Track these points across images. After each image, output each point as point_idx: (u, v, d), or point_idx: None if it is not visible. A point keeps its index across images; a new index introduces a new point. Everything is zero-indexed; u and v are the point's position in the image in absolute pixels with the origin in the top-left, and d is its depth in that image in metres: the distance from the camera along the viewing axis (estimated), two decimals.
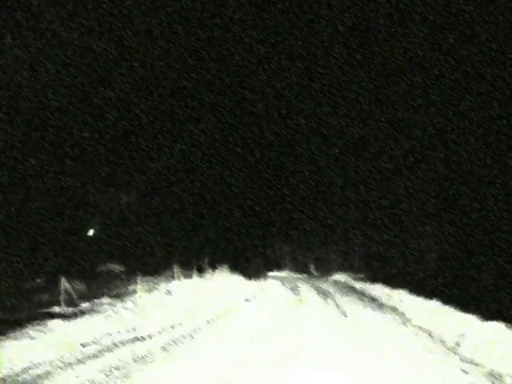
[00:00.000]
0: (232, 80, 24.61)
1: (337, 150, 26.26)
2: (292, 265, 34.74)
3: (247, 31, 23.66)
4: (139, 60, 18.03)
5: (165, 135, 20.56)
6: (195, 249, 24.74)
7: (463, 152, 14.32)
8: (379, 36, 18.62)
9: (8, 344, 5.11)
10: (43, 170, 14.03)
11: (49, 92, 13.96)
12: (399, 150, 18.51)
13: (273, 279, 22.09)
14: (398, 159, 18.74)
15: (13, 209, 12.97)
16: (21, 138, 13.11)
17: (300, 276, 28.12)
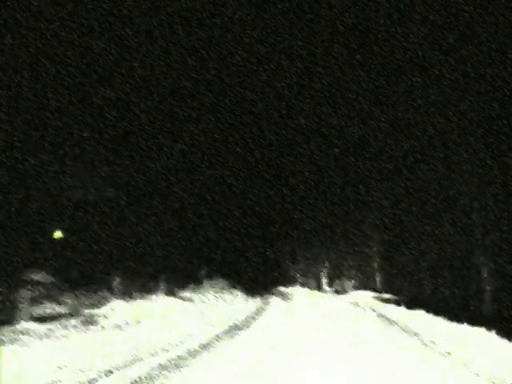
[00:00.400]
0: (232, 80, 24.62)
1: (337, 150, 26.26)
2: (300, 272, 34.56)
3: (247, 31, 23.66)
4: (139, 60, 18.03)
5: (165, 135, 20.56)
6: (195, 249, 24.75)
7: (463, 152, 14.31)
8: (379, 36, 18.61)
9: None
10: (43, 170, 14.02)
11: (49, 92, 13.96)
12: (399, 150, 18.51)
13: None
14: (398, 159, 18.74)
15: (13, 209, 12.97)
16: (21, 138, 13.10)
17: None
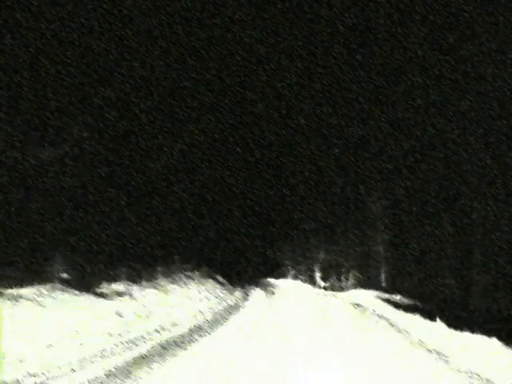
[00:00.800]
0: (232, 80, 24.63)
1: (337, 150, 26.26)
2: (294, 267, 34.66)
3: (247, 31, 23.67)
4: (139, 60, 18.02)
5: (165, 135, 20.55)
6: (195, 249, 24.77)
7: (463, 152, 14.32)
8: (379, 36, 18.62)
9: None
10: (43, 170, 14.02)
11: (49, 92, 13.95)
12: (399, 150, 18.52)
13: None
14: (398, 159, 18.74)
15: (13, 209, 12.96)
16: (21, 138, 13.10)
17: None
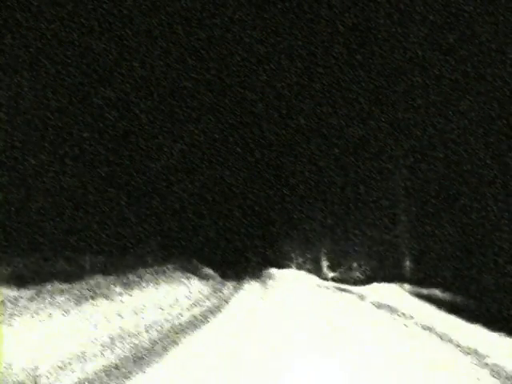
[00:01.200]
0: (232, 80, 24.64)
1: (337, 150, 26.25)
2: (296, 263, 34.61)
3: (247, 31, 23.67)
4: (139, 60, 18.03)
5: (165, 135, 20.57)
6: (195, 249, 24.78)
7: (463, 152, 14.32)
8: (379, 36, 18.61)
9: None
10: (43, 170, 14.02)
11: (49, 92, 13.95)
12: (399, 150, 18.51)
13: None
14: (398, 159, 18.74)
15: (13, 209, 12.96)
16: (21, 138, 13.10)
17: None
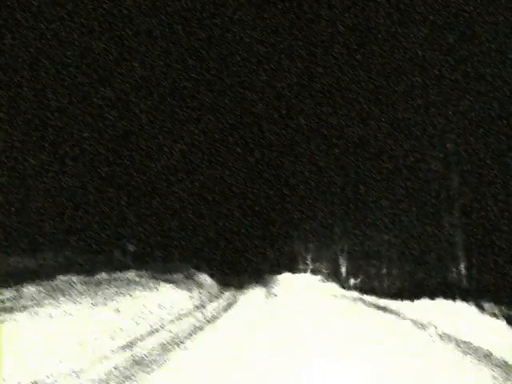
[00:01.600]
0: (232, 80, 24.64)
1: (337, 150, 26.23)
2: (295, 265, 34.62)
3: (247, 31, 23.66)
4: (139, 60, 18.03)
5: (165, 135, 20.57)
6: (195, 249, 24.77)
7: (463, 152, 14.32)
8: (379, 36, 18.61)
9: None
10: (43, 170, 14.02)
11: (49, 92, 13.96)
12: (399, 150, 18.50)
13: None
14: (398, 159, 18.73)
15: (13, 209, 12.96)
16: (21, 138, 13.10)
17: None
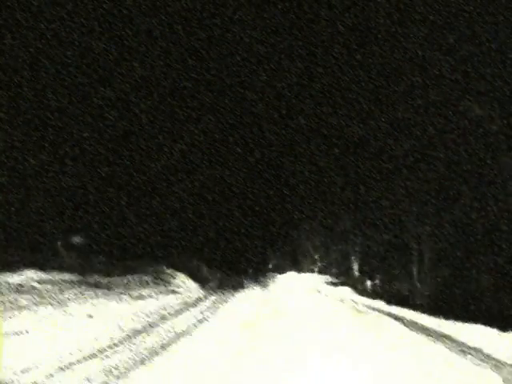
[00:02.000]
0: (232, 80, 24.63)
1: (337, 150, 26.22)
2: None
3: (247, 31, 23.65)
4: (139, 60, 18.04)
5: (165, 135, 20.58)
6: (195, 249, 24.78)
7: (463, 152, 14.32)
8: (379, 36, 18.61)
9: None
10: (43, 170, 14.02)
11: (49, 92, 13.96)
12: (399, 150, 18.48)
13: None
14: (398, 159, 18.72)
15: (13, 209, 12.96)
16: (21, 138, 13.10)
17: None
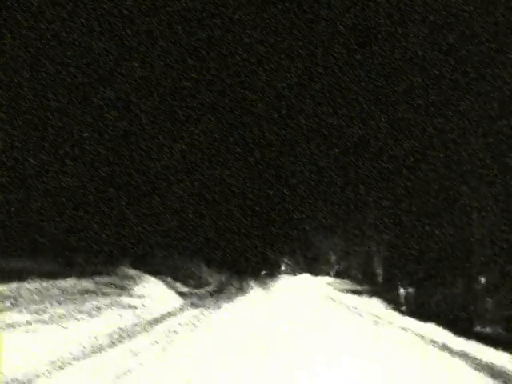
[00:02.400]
0: (232, 80, 24.62)
1: (337, 150, 26.21)
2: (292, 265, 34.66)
3: (247, 31, 23.64)
4: (139, 60, 18.03)
5: (165, 135, 20.58)
6: (195, 249, 24.78)
7: (463, 152, 14.32)
8: (379, 36, 18.60)
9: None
10: (43, 170, 14.02)
11: (49, 92, 13.96)
12: (399, 150, 18.49)
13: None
14: (398, 159, 18.72)
15: (13, 209, 12.96)
16: (21, 138, 13.10)
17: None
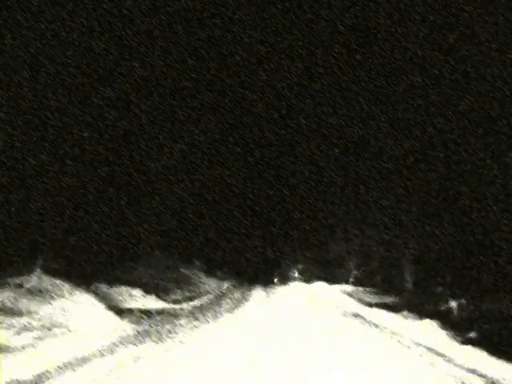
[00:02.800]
0: (232, 80, 24.61)
1: (337, 150, 26.19)
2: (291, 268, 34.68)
3: (247, 31, 23.61)
4: (139, 60, 18.02)
5: (165, 135, 20.56)
6: (195, 249, 24.78)
7: (463, 152, 14.33)
8: (379, 36, 18.60)
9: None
10: (43, 170, 14.01)
11: (49, 92, 13.95)
12: (399, 150, 18.49)
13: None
14: (398, 159, 18.73)
15: (13, 209, 12.96)
16: (21, 138, 13.09)
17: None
